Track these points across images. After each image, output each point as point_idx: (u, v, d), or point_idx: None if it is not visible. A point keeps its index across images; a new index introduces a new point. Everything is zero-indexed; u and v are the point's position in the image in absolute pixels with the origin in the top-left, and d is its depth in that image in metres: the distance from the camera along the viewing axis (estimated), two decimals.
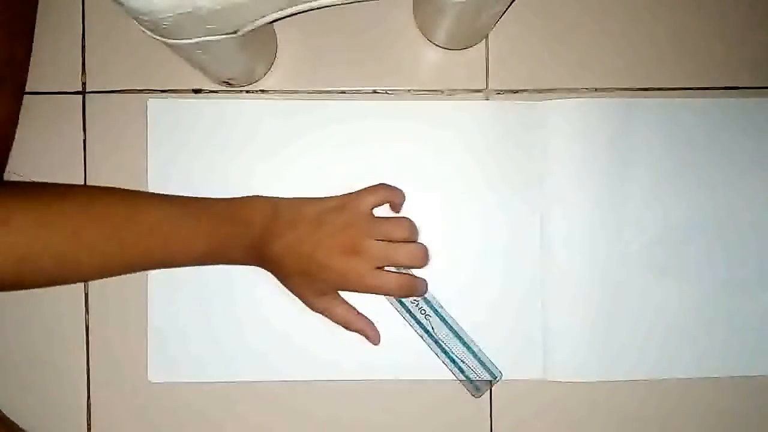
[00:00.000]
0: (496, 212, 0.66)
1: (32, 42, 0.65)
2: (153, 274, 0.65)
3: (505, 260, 0.66)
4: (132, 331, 0.66)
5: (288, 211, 0.61)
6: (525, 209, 0.66)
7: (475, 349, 0.65)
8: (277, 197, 0.62)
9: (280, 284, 0.63)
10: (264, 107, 0.66)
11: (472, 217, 0.66)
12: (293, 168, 0.66)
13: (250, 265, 0.62)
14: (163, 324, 0.65)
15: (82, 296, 0.66)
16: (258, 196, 0.63)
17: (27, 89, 0.66)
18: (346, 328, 0.64)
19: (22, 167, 0.65)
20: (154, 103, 0.66)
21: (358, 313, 0.64)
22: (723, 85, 0.68)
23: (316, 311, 0.63)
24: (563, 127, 0.66)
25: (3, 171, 0.64)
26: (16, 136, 0.65)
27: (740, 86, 0.68)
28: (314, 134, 0.66)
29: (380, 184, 0.64)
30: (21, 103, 0.65)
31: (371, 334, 0.64)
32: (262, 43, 0.62)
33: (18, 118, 0.65)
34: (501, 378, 0.65)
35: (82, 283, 0.66)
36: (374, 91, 0.67)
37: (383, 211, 0.65)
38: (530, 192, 0.66)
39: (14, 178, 0.65)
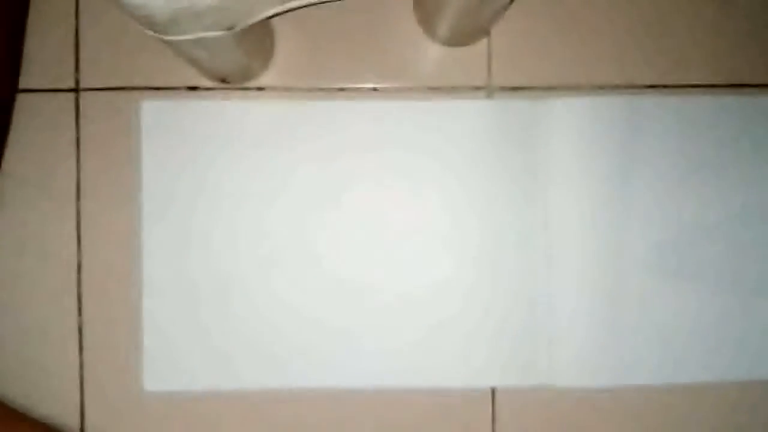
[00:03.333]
0: (499, 212, 0.66)
1: (24, 40, 0.65)
2: (148, 283, 0.65)
3: (507, 261, 0.66)
4: (127, 340, 0.65)
5: None
6: (528, 209, 0.66)
7: None
8: None
9: (278, 291, 0.64)
10: (261, 105, 0.66)
11: (475, 216, 0.66)
12: (291, 167, 0.65)
13: None
14: (158, 333, 0.65)
15: (76, 306, 0.66)
16: None
17: (21, 86, 0.66)
18: None
19: (15, 164, 0.65)
20: (148, 105, 0.65)
21: None
22: (730, 83, 0.68)
23: None
24: (567, 126, 0.66)
25: None
26: (10, 133, 0.65)
27: (748, 83, 0.68)
28: (312, 133, 0.66)
29: None
30: (14, 98, 0.65)
31: None
32: (258, 39, 0.62)
33: (12, 113, 0.65)
34: None
35: (75, 292, 0.66)
36: (374, 89, 0.67)
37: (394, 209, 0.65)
38: (534, 191, 0.66)
39: (10, 181, 0.65)
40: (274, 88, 0.66)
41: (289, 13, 0.52)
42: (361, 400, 0.66)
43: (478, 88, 0.67)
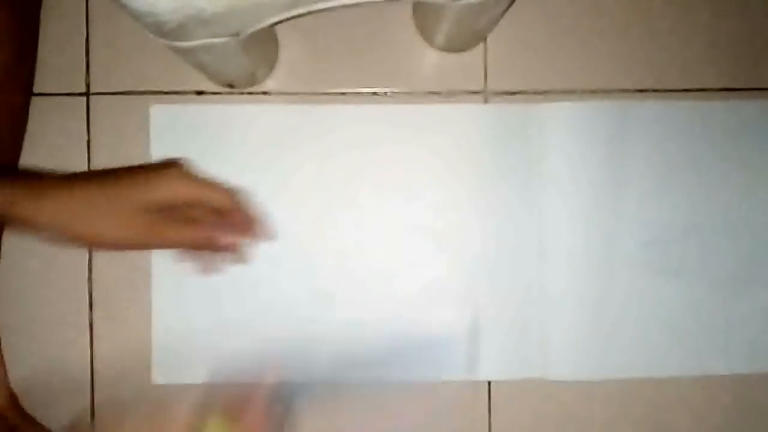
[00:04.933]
0: (494, 213, 0.67)
1: (38, 39, 0.66)
2: (156, 280, 0.66)
3: (502, 260, 0.67)
4: (136, 333, 0.66)
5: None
6: (523, 209, 0.67)
7: None
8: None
9: (283, 289, 0.64)
10: (265, 109, 0.67)
11: (471, 217, 0.67)
12: (294, 169, 0.66)
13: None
14: (167, 326, 0.66)
15: (86, 298, 0.66)
16: None
17: (33, 91, 0.66)
18: (192, 246, 0.59)
19: (28, 166, 0.66)
20: (156, 109, 0.66)
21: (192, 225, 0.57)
22: (719, 87, 0.68)
23: (141, 247, 0.58)
24: (561, 129, 0.67)
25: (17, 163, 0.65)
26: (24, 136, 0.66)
27: (736, 87, 0.68)
28: (315, 136, 0.66)
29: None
30: (30, 99, 0.66)
31: (217, 236, 0.58)
32: (263, 45, 0.63)
33: (28, 114, 0.66)
34: None
35: (86, 285, 0.66)
36: (374, 93, 0.67)
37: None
38: (528, 192, 0.67)
39: None
40: (278, 93, 0.67)
41: (293, 21, 0.52)
42: (361, 392, 0.66)
43: (474, 93, 0.68)
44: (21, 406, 0.65)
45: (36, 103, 0.66)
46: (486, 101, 0.68)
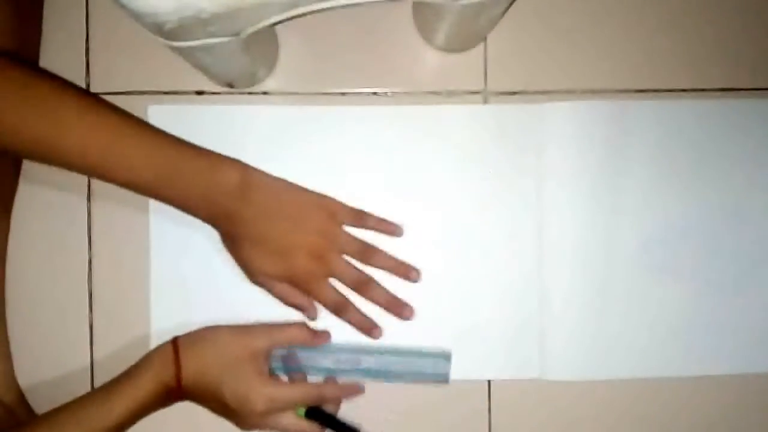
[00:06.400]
0: (494, 213, 0.67)
1: (40, 37, 0.66)
2: (155, 281, 0.66)
3: (502, 261, 0.67)
4: (135, 331, 0.66)
5: (263, 191, 0.61)
6: (523, 209, 0.67)
7: (411, 351, 0.65)
8: (254, 169, 0.61)
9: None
10: (265, 109, 0.67)
11: (469, 217, 0.67)
12: (294, 169, 0.65)
13: (201, 217, 0.61)
14: (166, 324, 0.65)
15: (86, 296, 0.66)
16: (233, 160, 0.60)
17: None
18: (284, 302, 0.64)
19: (29, 168, 0.66)
20: (154, 109, 0.66)
21: (297, 292, 0.64)
22: (719, 87, 0.68)
23: (256, 282, 0.63)
24: (561, 129, 0.67)
25: None
26: None
27: (736, 87, 0.69)
28: (315, 137, 0.66)
29: (371, 214, 0.65)
30: None
31: (309, 310, 0.65)
32: (263, 45, 0.63)
33: None
34: (451, 354, 0.65)
35: (86, 283, 0.66)
36: (374, 93, 0.67)
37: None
38: (528, 193, 0.67)
39: (24, 184, 0.66)
40: (278, 93, 0.67)
41: (293, 20, 0.52)
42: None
43: (474, 93, 0.68)
44: (28, 403, 0.65)
45: None
46: (486, 101, 0.68)
